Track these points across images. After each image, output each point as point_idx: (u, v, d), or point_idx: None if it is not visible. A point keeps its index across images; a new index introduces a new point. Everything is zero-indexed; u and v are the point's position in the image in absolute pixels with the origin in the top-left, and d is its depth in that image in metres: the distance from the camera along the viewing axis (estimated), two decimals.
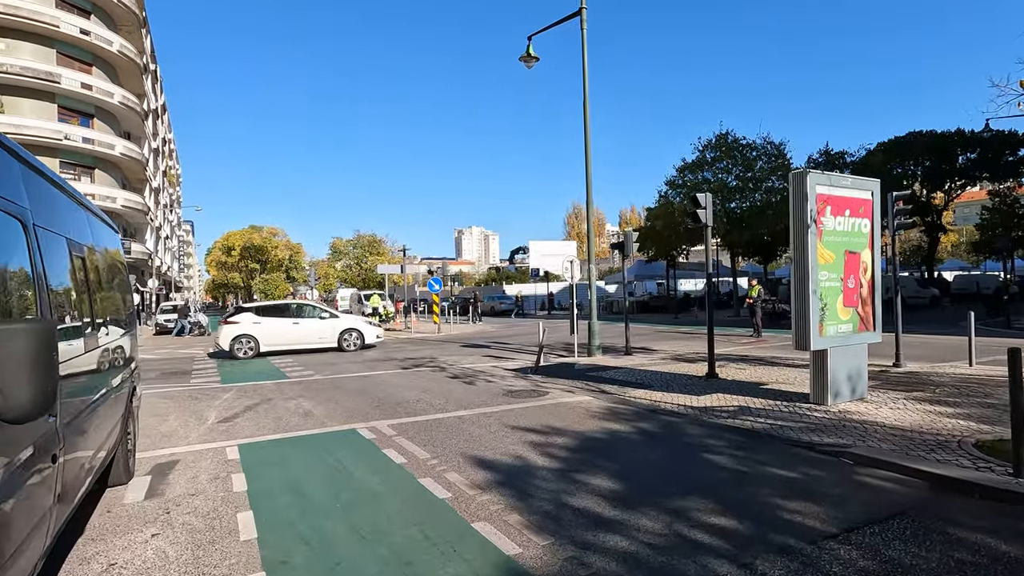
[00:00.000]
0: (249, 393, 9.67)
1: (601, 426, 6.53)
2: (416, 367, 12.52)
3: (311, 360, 14.61)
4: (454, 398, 8.58)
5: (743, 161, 25.46)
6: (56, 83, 30.17)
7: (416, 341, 19.97)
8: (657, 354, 13.48)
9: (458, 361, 13.38)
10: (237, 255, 70.80)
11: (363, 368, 12.66)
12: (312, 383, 10.65)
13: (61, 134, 30.46)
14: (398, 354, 15.44)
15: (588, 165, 13.62)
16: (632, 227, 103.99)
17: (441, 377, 10.81)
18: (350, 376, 11.42)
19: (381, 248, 44.61)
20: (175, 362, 15.56)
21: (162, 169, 51.77)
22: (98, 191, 32.46)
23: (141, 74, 37.44)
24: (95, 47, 32.59)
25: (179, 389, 10.40)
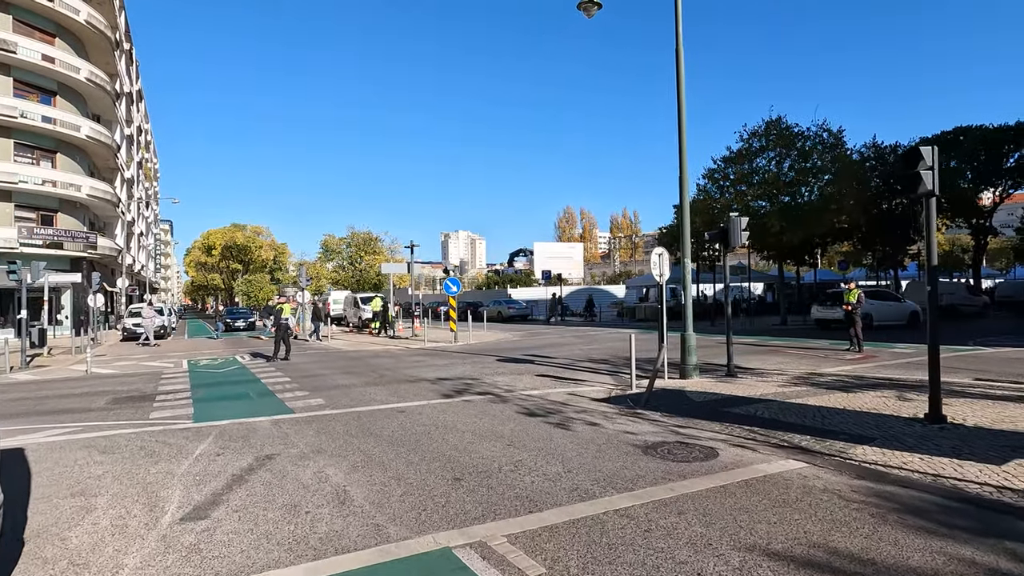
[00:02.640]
0: (236, 443, 6.36)
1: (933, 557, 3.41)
2: (461, 393, 9.29)
3: (314, 379, 11.29)
4: (567, 458, 5.39)
5: (799, 150, 22.64)
6: (11, 52, 26.39)
7: (434, 352, 16.70)
8: (769, 376, 10.42)
9: (511, 384, 10.17)
10: (218, 255, 66.71)
11: (390, 395, 9.39)
12: (327, 422, 7.36)
13: (16, 111, 26.65)
14: (425, 371, 12.18)
15: (682, 149, 10.60)
16: (624, 233, 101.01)
17: (511, 413, 7.60)
18: (378, 409, 8.15)
19: (377, 247, 41.17)
20: (135, 379, 12.12)
21: (136, 160, 47.73)
22: (60, 178, 28.68)
23: (113, 50, 33.68)
24: (59, 15, 28.87)
25: (129, 432, 7.03)
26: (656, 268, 10.56)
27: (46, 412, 8.75)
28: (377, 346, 19.51)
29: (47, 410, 8.92)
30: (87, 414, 8.45)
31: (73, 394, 10.58)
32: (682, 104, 10.60)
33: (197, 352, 19.40)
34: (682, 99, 10.59)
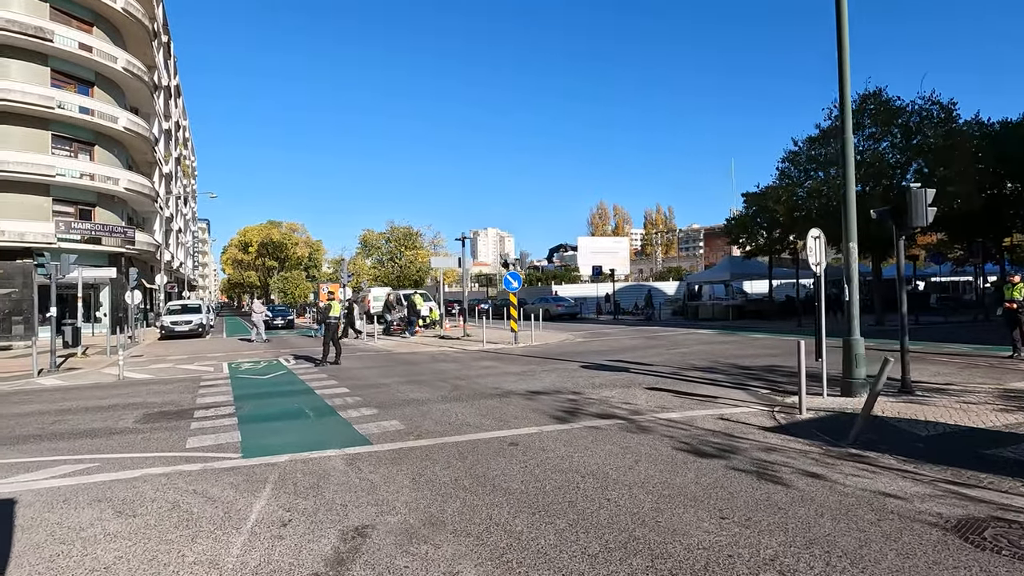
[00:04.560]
0: (306, 502, 4.44)
1: None
2: (575, 415, 7.23)
3: (376, 390, 9.40)
4: (849, 554, 3.28)
5: (901, 127, 19.86)
6: (48, 41, 25.47)
7: (499, 356, 14.72)
8: (959, 393, 8.03)
9: (628, 401, 8.06)
10: (254, 252, 66.37)
11: (481, 415, 7.39)
12: (421, 461, 5.39)
13: (54, 101, 25.73)
14: (505, 381, 10.17)
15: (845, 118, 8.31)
16: (660, 229, 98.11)
17: (668, 451, 5.51)
18: (479, 439, 6.14)
19: (417, 241, 39.48)
20: (171, 387, 10.45)
21: (175, 155, 47.25)
22: (98, 171, 27.75)
23: (150, 40, 32.77)
24: (96, 3, 27.94)
25: (159, 475, 5.19)
26: (812, 255, 8.26)
27: (62, 434, 7.04)
28: (430, 347, 17.65)
29: (64, 431, 7.22)
30: (110, 439, 6.69)
31: (99, 407, 8.92)
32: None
33: (237, 353, 17.88)
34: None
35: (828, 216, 19.31)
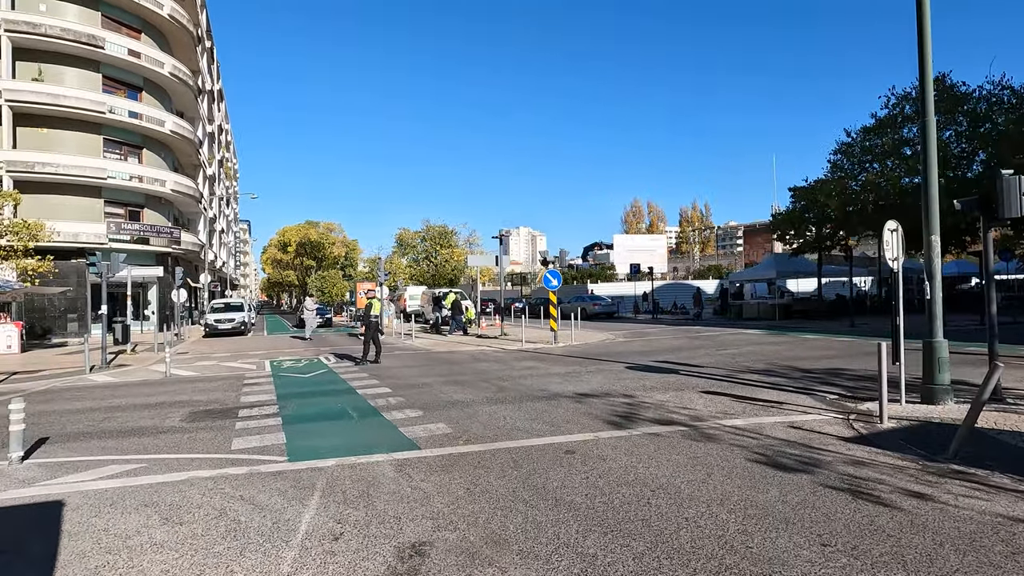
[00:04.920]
0: (357, 512, 4.18)
1: None
2: (630, 420, 6.80)
3: (418, 390, 9.15)
4: None
5: (968, 114, 18.57)
6: (100, 48, 26.38)
7: (540, 356, 14.35)
8: None
9: (685, 405, 7.58)
10: (293, 251, 67.82)
11: (531, 419, 7.04)
12: (474, 469, 5.08)
13: (105, 106, 26.65)
14: (550, 382, 9.79)
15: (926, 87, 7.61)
16: (696, 227, 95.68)
17: (741, 462, 5.04)
18: (532, 446, 5.79)
19: (452, 240, 39.48)
20: (215, 385, 10.47)
21: (218, 158, 48.56)
22: (146, 173, 28.62)
23: (195, 45, 33.65)
24: (144, 10, 28.81)
25: (205, 478, 5.02)
26: (889, 249, 7.59)
27: (112, 432, 7.02)
28: (468, 347, 17.42)
29: (114, 429, 7.21)
30: (157, 438, 6.62)
31: (147, 404, 8.95)
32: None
33: (278, 351, 18.03)
34: None
35: (885, 210, 18.22)
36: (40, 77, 25.69)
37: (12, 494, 4.74)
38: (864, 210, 19.97)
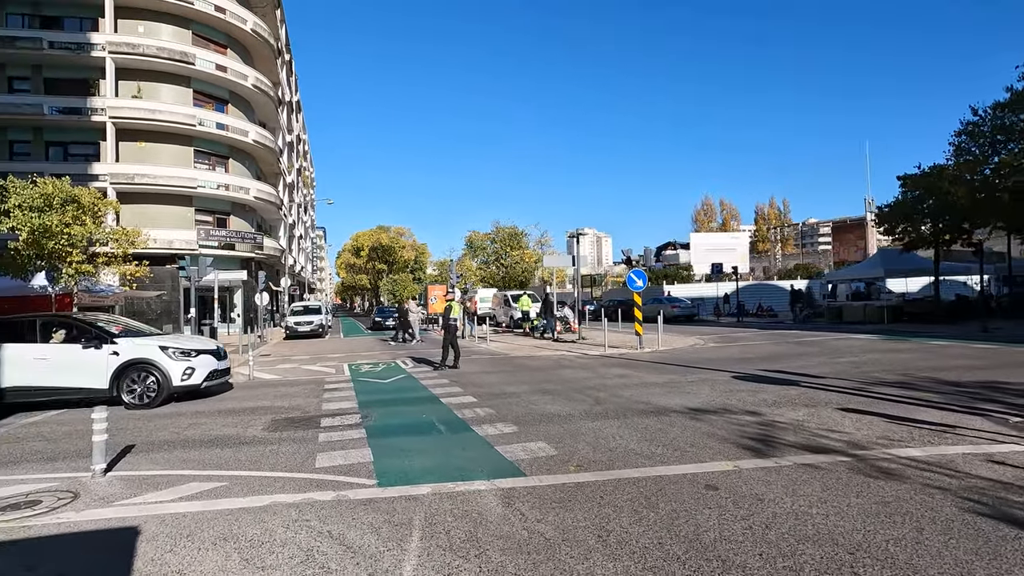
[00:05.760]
0: (467, 564, 3.37)
1: None
2: (769, 445, 5.64)
3: (506, 400, 8.34)
4: None
5: None
6: (191, 64, 27.79)
7: (627, 362, 13.24)
8: None
9: (827, 424, 6.29)
10: (365, 255, 69.81)
11: (645, 441, 6.03)
12: (597, 506, 4.16)
13: (196, 119, 28.06)
14: (650, 393, 8.71)
15: None
16: (774, 224, 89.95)
17: (956, 512, 3.83)
18: (659, 476, 4.80)
19: (522, 241, 38.87)
20: (297, 389, 10.17)
21: (296, 166, 50.56)
22: (232, 181, 29.90)
23: (275, 58, 34.99)
24: (229, 26, 30.16)
25: (288, 504, 4.41)
26: None
27: (193, 442, 6.69)
28: (547, 351, 16.55)
29: (195, 438, 6.88)
30: (239, 450, 6.18)
31: (230, 410, 8.71)
32: None
33: (355, 355, 17.92)
34: None
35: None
36: (139, 94, 27.39)
37: (89, 515, 4.32)
38: (997, 198, 17.34)
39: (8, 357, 8.99)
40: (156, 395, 9.12)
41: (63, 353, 9.19)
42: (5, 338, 9.22)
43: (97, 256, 17.60)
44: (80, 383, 9.11)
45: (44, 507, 4.51)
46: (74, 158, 27.01)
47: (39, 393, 9.05)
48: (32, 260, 15.69)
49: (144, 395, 9.10)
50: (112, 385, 9.07)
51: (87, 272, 16.64)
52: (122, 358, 9.15)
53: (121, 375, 9.09)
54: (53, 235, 15.42)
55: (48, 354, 9.12)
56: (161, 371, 9.19)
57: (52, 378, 9.04)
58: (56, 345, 9.29)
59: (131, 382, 9.11)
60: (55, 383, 9.06)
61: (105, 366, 9.10)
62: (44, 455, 6.32)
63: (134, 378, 9.12)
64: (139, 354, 9.24)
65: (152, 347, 9.41)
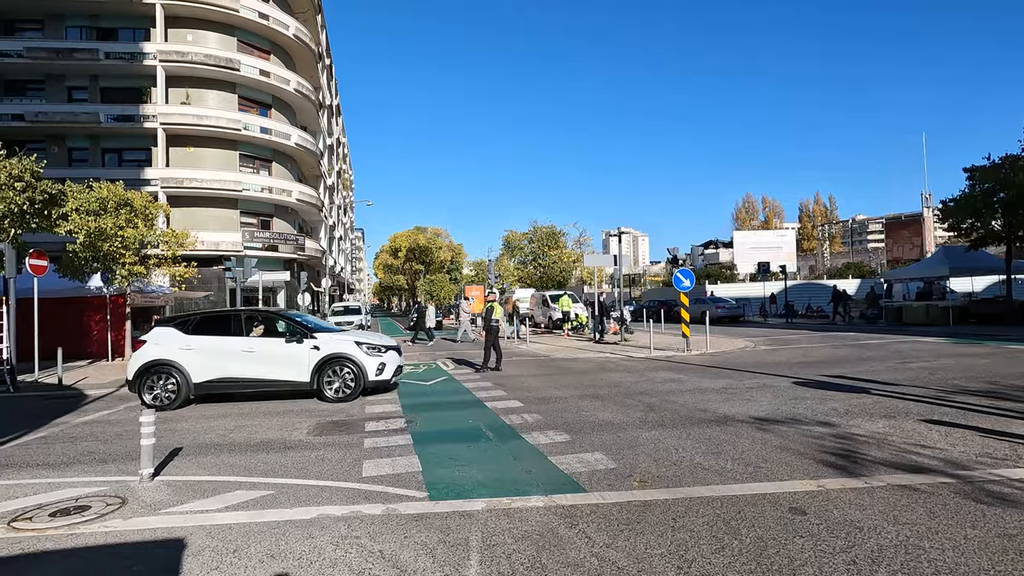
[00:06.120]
0: None
1: None
2: (854, 461, 5.09)
3: (552, 405, 7.97)
4: None
5: None
6: (236, 70, 28.51)
7: (675, 366, 12.67)
8: None
9: (925, 442, 5.69)
10: (403, 256, 70.55)
11: (711, 453, 5.57)
12: (671, 531, 3.76)
13: (240, 124, 28.74)
14: (705, 400, 8.18)
15: None
16: (819, 222, 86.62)
17: None
18: (736, 495, 4.34)
19: (560, 241, 38.43)
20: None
21: (336, 169, 51.43)
22: (275, 184, 30.52)
23: (316, 62, 35.58)
24: (272, 32, 30.78)
25: (336, 517, 4.16)
26: None
27: (240, 445, 6.59)
28: (589, 353, 16.09)
29: (241, 441, 6.79)
30: (284, 455, 6.02)
31: (275, 411, 8.64)
32: None
33: None
34: None
35: None
36: (188, 100, 28.24)
37: (135, 523, 4.19)
38: None
39: (219, 349, 9.33)
40: (353, 389, 9.33)
41: (268, 346, 9.43)
42: (212, 331, 9.57)
43: (148, 258, 18.11)
44: (284, 376, 9.34)
45: (92, 513, 4.42)
46: (128, 164, 28.07)
47: (246, 385, 9.34)
48: (88, 262, 16.22)
49: (342, 389, 9.31)
50: (313, 379, 9.31)
51: (139, 273, 17.12)
52: (322, 353, 9.36)
53: (321, 369, 9.31)
54: (108, 237, 15.90)
55: (255, 347, 9.37)
56: (358, 366, 9.37)
57: (258, 370, 9.31)
58: (262, 338, 9.58)
59: (330, 376, 9.33)
60: (261, 375, 9.32)
61: (307, 360, 9.32)
62: (96, 456, 6.32)
63: (333, 372, 9.34)
64: (338, 349, 9.42)
65: (348, 342, 9.63)
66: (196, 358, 9.20)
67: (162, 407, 8.91)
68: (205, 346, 9.30)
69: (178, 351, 9.21)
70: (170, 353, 9.18)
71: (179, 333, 9.43)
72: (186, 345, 9.28)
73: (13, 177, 12.71)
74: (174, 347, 9.23)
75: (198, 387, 9.22)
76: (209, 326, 9.67)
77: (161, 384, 9.11)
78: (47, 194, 13.68)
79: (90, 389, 11.73)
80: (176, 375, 9.11)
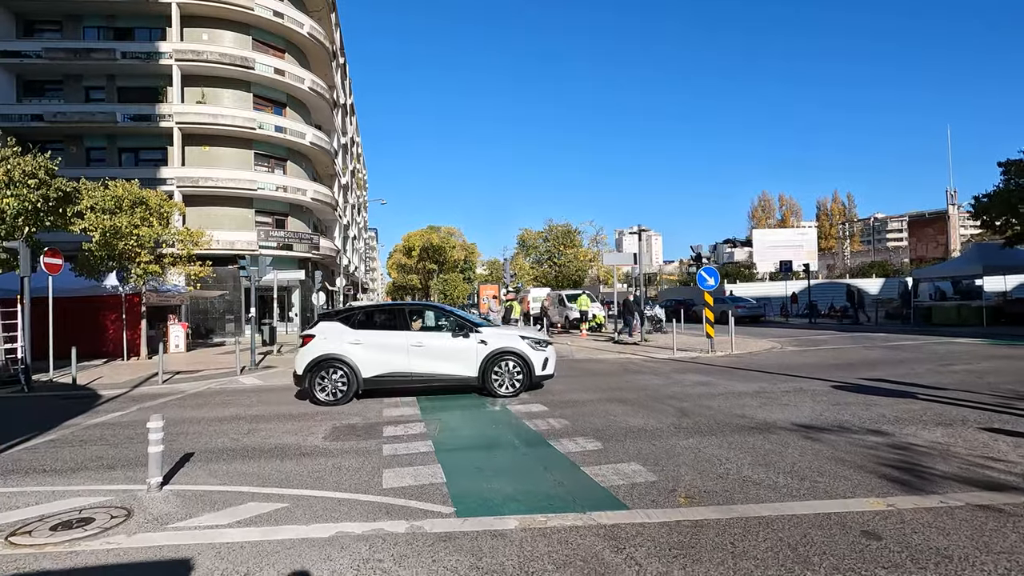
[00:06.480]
0: None
1: None
2: (920, 476, 4.63)
3: (579, 409, 7.56)
4: None
5: None
6: (251, 69, 28.41)
7: (701, 367, 12.19)
8: None
9: (994, 454, 5.21)
10: (416, 256, 70.50)
11: (760, 464, 5.13)
12: (728, 550, 3.35)
13: (255, 123, 28.64)
14: (739, 404, 7.72)
15: None
16: (839, 220, 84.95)
17: None
18: (798, 515, 3.91)
19: (576, 240, 37.92)
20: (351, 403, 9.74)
21: (350, 168, 51.39)
22: (290, 183, 30.40)
23: (330, 61, 35.44)
24: (287, 30, 30.65)
25: (356, 536, 3.80)
26: None
27: (253, 450, 6.27)
28: (610, 354, 15.64)
29: (254, 446, 6.48)
30: (300, 463, 5.69)
31: (290, 415, 8.34)
32: None
33: None
34: None
35: None
36: (203, 100, 28.22)
37: (140, 540, 3.87)
38: None
39: (386, 343, 9.17)
40: (521, 384, 9.17)
41: (437, 341, 9.26)
42: (377, 326, 9.45)
43: (164, 257, 18.01)
44: (453, 371, 9.19)
45: (96, 527, 4.11)
46: (144, 163, 28.11)
47: (415, 380, 9.19)
48: (104, 261, 16.13)
49: (510, 384, 9.15)
50: (480, 374, 9.15)
51: (155, 272, 17.01)
52: (489, 347, 9.19)
53: (489, 364, 9.14)
54: (123, 236, 15.79)
55: (423, 341, 9.21)
56: (526, 361, 9.20)
57: (426, 365, 9.15)
58: (428, 332, 9.42)
59: (498, 371, 9.16)
60: (429, 370, 9.16)
61: (475, 355, 9.17)
62: (104, 462, 6.05)
63: (501, 368, 9.17)
64: (507, 344, 9.26)
65: (514, 337, 9.47)
66: (364, 353, 9.04)
67: (333, 402, 8.82)
68: (373, 340, 9.14)
69: (347, 346, 9.06)
70: (339, 348, 9.02)
71: (345, 327, 9.28)
72: (354, 340, 9.12)
73: (27, 174, 12.59)
74: (343, 342, 9.09)
75: (366, 382, 9.06)
76: (373, 320, 9.58)
77: (332, 379, 8.94)
78: (62, 191, 13.57)
79: (104, 389, 11.56)
80: (346, 370, 8.95)
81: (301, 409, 8.78)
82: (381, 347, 9.10)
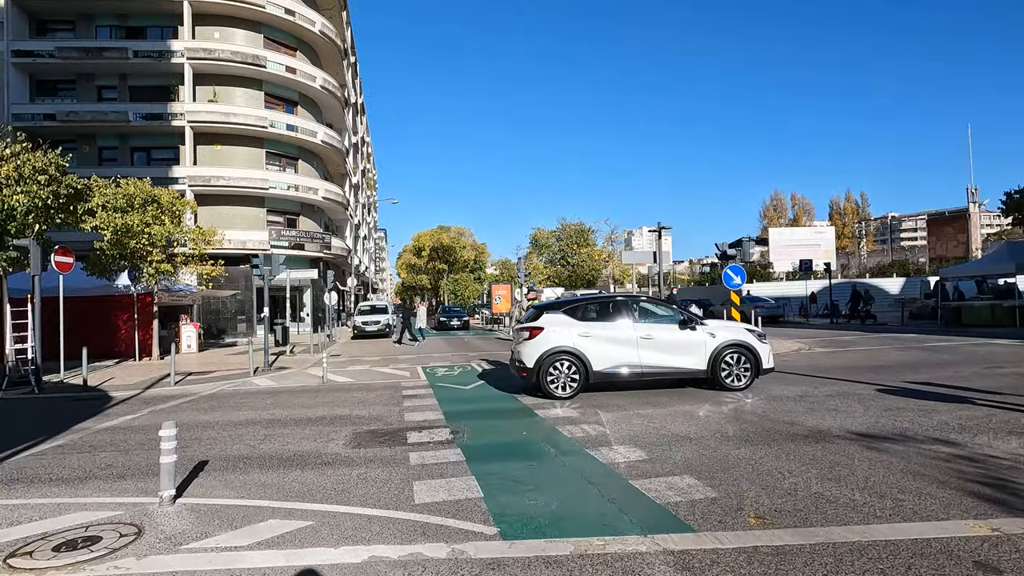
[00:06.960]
0: None
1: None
2: (1012, 491, 4.17)
3: (608, 412, 7.10)
4: None
5: None
6: (262, 67, 28.21)
7: None
8: None
9: None
10: (426, 256, 70.23)
11: (816, 474, 4.66)
12: None
13: (267, 121, 28.45)
14: (785, 411, 7.24)
15: None
16: (853, 219, 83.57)
17: None
18: (891, 540, 3.44)
19: (589, 239, 37.39)
20: (373, 395, 9.34)
21: (360, 168, 51.21)
22: (301, 182, 30.18)
23: (341, 60, 35.21)
24: (298, 28, 30.46)
25: (391, 559, 3.38)
26: None
27: (271, 458, 5.88)
28: None
29: (273, 453, 6.09)
30: (322, 473, 5.28)
31: (307, 419, 7.96)
32: None
33: (427, 357, 17.16)
34: None
35: None
36: (215, 98, 28.04)
37: (149, 564, 3.47)
38: None
39: (614, 336, 8.96)
40: (750, 377, 8.98)
41: (667, 333, 9.05)
42: (602, 317, 9.23)
43: (176, 256, 17.75)
44: (683, 364, 9.00)
45: (103, 547, 3.72)
46: (156, 162, 27.99)
47: (644, 374, 8.97)
48: (116, 260, 15.88)
49: (738, 377, 8.95)
50: (710, 367, 8.95)
51: (166, 271, 16.75)
52: (718, 340, 8.99)
53: (718, 357, 8.94)
54: (135, 234, 15.53)
55: (653, 334, 9.01)
56: (754, 354, 9.01)
57: (656, 358, 8.94)
58: (657, 325, 9.18)
59: (726, 364, 8.96)
60: (659, 363, 8.96)
61: (704, 348, 8.97)
62: (114, 470, 5.68)
63: (729, 360, 8.96)
64: (736, 336, 9.09)
65: (740, 329, 9.34)
66: (594, 345, 8.83)
67: (564, 397, 8.63)
68: (600, 333, 8.94)
69: (577, 338, 8.84)
70: (570, 340, 8.81)
71: (572, 319, 9.06)
72: (584, 332, 8.90)
73: (37, 170, 12.33)
74: (573, 334, 8.87)
75: (596, 375, 8.81)
76: (597, 312, 9.33)
77: (564, 372, 8.72)
78: (72, 188, 13.30)
79: (115, 391, 11.25)
80: (576, 363, 8.73)
81: (319, 413, 8.40)
82: (609, 340, 8.89)
